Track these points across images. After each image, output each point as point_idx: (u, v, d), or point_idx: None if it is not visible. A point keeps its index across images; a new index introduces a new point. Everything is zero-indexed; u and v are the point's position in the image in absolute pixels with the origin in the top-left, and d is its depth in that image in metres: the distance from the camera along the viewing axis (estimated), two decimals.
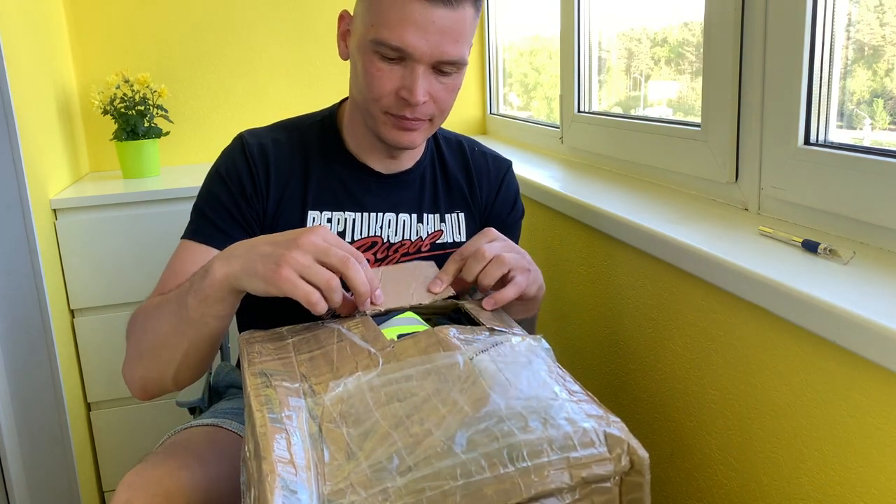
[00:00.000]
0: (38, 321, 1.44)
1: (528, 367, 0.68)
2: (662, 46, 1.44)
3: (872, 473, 0.68)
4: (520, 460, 0.57)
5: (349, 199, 1.01)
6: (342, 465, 0.55)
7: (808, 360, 0.75)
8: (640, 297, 1.07)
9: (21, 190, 1.39)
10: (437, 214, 1.06)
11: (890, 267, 0.76)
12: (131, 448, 1.71)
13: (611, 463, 0.60)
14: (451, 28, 0.88)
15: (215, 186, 0.99)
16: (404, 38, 0.86)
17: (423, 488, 0.54)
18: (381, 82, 0.90)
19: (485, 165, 1.10)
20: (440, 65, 0.90)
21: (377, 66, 0.89)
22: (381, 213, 1.02)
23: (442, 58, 0.88)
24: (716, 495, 0.93)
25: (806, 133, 0.92)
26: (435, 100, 0.92)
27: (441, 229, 1.05)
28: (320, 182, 1.01)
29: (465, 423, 0.59)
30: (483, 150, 1.13)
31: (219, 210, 0.98)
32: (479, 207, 1.09)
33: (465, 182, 1.09)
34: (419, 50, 0.87)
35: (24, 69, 1.47)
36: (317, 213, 1.00)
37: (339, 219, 1.01)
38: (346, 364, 0.69)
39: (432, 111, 0.93)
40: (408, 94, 0.89)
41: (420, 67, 0.88)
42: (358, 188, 1.02)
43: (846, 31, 0.89)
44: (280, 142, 1.01)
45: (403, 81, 0.89)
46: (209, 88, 1.99)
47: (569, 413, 0.62)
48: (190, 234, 0.99)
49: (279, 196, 0.99)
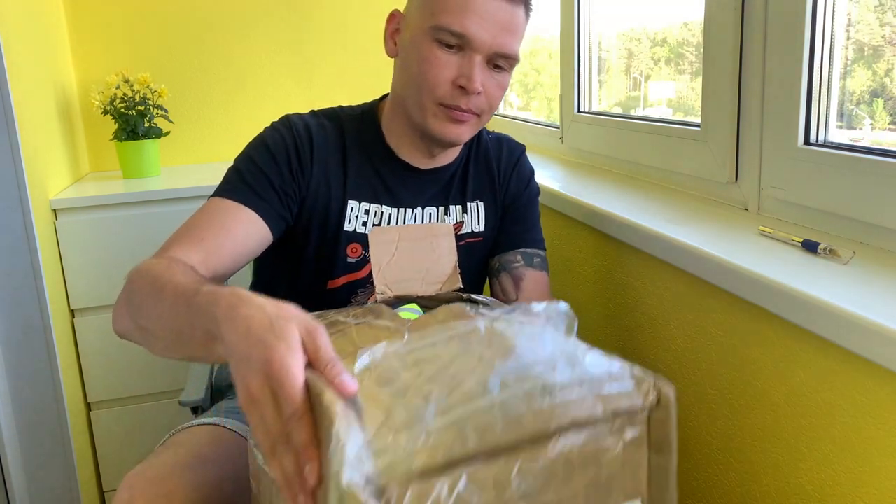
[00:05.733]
0: (38, 321, 1.44)
1: (547, 326, 0.70)
2: (662, 46, 1.44)
3: (872, 473, 0.68)
4: (553, 395, 0.59)
5: (386, 193, 1.02)
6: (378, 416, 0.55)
7: (808, 360, 0.75)
8: (640, 296, 1.07)
9: (21, 190, 1.39)
10: (459, 205, 1.06)
11: (890, 267, 0.76)
12: (131, 448, 1.71)
13: (639, 397, 0.61)
14: (509, 22, 0.91)
15: (259, 155, 0.97)
16: (466, 24, 0.89)
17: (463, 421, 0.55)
18: (438, 70, 0.91)
19: (500, 149, 1.11)
20: (496, 58, 0.92)
21: (435, 53, 0.91)
22: (413, 209, 1.03)
23: (501, 49, 0.91)
24: (716, 495, 0.93)
25: (806, 133, 0.92)
26: (487, 94, 0.93)
27: (463, 220, 1.06)
28: (358, 172, 1.01)
29: (497, 370, 0.60)
30: (497, 134, 1.14)
31: (259, 176, 0.95)
32: (500, 196, 1.10)
33: (486, 168, 1.09)
34: (479, 38, 0.89)
35: (24, 69, 1.47)
36: (356, 202, 1.00)
37: (376, 211, 1.01)
38: (369, 340, 0.69)
39: (483, 105, 0.94)
40: (466, 82, 0.90)
41: (478, 57, 0.91)
42: (394, 182, 1.02)
43: (846, 31, 0.89)
44: (325, 127, 1.02)
45: (461, 70, 0.91)
46: (209, 88, 1.99)
47: (594, 358, 0.64)
48: (224, 192, 0.94)
49: (321, 177, 0.99)
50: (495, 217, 1.09)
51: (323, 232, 1.00)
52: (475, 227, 1.07)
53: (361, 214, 1.01)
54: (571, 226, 1.30)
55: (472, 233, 1.06)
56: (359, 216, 1.01)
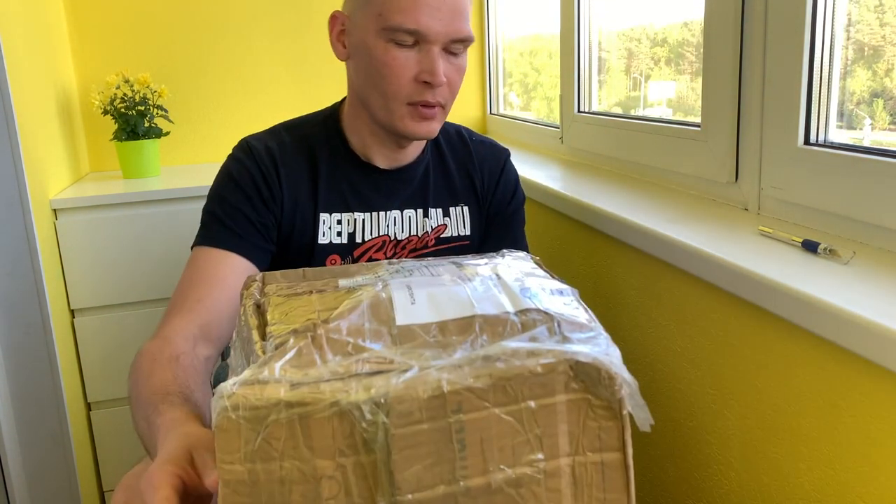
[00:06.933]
0: (38, 321, 1.44)
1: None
2: (662, 46, 1.44)
3: (872, 473, 0.68)
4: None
5: (357, 200, 1.01)
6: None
7: (808, 360, 0.75)
8: (640, 296, 1.07)
9: (21, 190, 1.39)
10: (440, 209, 1.06)
11: (890, 267, 0.76)
12: (131, 448, 1.70)
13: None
14: (459, 5, 0.90)
15: (229, 192, 0.97)
16: (419, 20, 0.87)
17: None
18: (399, 70, 0.90)
19: (484, 154, 1.10)
20: (451, 44, 0.91)
21: (392, 54, 0.90)
22: (388, 212, 1.02)
23: (456, 36, 0.90)
24: (716, 495, 0.93)
25: (806, 133, 0.92)
26: (448, 82, 0.93)
27: (445, 223, 1.05)
28: (329, 183, 1.00)
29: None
30: (482, 138, 1.13)
31: (235, 215, 0.95)
32: (484, 201, 1.09)
33: (468, 172, 1.08)
34: (434, 30, 0.88)
35: (24, 69, 1.47)
36: (327, 215, 1.00)
37: (348, 220, 1.01)
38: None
39: (447, 94, 0.94)
40: (429, 77, 0.90)
41: (435, 48, 0.90)
42: (365, 187, 1.02)
43: (846, 31, 0.89)
44: (285, 144, 1.01)
45: (422, 65, 0.90)
46: (209, 88, 1.99)
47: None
48: (206, 240, 0.95)
49: (293, 198, 0.98)
50: (480, 222, 1.08)
51: (299, 249, 1.00)
52: (460, 230, 1.06)
53: (335, 225, 1.00)
54: (571, 226, 1.30)
55: (459, 236, 1.06)
56: (332, 227, 1.00)
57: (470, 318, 0.55)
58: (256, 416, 0.48)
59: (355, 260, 1.01)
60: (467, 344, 0.53)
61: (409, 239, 1.03)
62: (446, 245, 1.04)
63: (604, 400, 0.54)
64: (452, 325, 0.55)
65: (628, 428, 0.55)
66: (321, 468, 0.49)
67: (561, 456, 0.54)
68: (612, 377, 0.53)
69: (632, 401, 0.54)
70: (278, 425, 0.48)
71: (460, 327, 0.55)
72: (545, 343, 0.54)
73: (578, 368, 0.53)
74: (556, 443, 0.53)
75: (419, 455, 0.50)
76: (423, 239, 1.04)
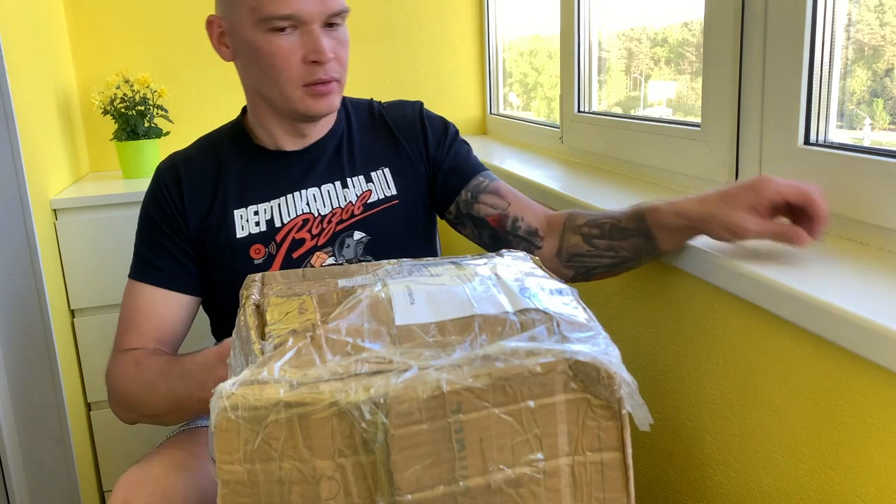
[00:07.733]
0: (38, 321, 1.44)
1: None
2: (662, 46, 1.44)
3: (872, 473, 0.68)
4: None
5: (269, 189, 1.03)
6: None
7: (808, 360, 0.75)
8: (640, 296, 1.07)
9: (21, 190, 1.39)
10: (360, 176, 1.06)
11: (890, 267, 0.76)
12: (131, 448, 1.70)
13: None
14: None
15: (145, 225, 1.04)
16: (292, 4, 0.90)
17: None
18: (285, 56, 0.92)
19: (396, 115, 1.12)
20: (329, 18, 0.93)
21: (275, 43, 0.92)
22: (304, 191, 1.03)
23: (331, 10, 0.92)
24: (715, 495, 0.93)
25: (806, 133, 0.91)
26: (336, 56, 0.95)
27: (369, 189, 1.06)
28: (239, 180, 1.03)
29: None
30: (390, 103, 1.15)
31: (155, 248, 1.01)
32: (415, 156, 1.09)
33: (385, 137, 1.09)
34: (308, 10, 0.90)
35: (24, 69, 1.47)
36: (242, 209, 1.02)
37: (264, 209, 1.02)
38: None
39: (338, 68, 0.96)
40: (316, 55, 0.92)
41: (314, 27, 0.92)
42: (276, 173, 1.04)
43: (846, 31, 0.89)
44: (191, 157, 1.05)
45: (306, 46, 0.92)
46: (209, 88, 1.99)
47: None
48: (136, 275, 1.03)
49: (200, 206, 1.02)
50: (412, 177, 1.09)
51: (220, 249, 1.01)
52: (385, 192, 1.07)
53: (251, 217, 1.02)
54: None
55: (385, 198, 1.06)
56: (249, 220, 1.02)
57: (469, 317, 0.55)
58: (256, 416, 0.48)
59: (278, 243, 1.02)
60: (466, 344, 0.53)
61: (332, 212, 1.03)
62: (375, 209, 1.05)
63: (603, 399, 0.54)
64: (451, 325, 0.55)
65: (628, 427, 0.55)
66: (320, 468, 0.49)
67: (560, 456, 0.54)
68: (612, 377, 0.53)
69: (631, 400, 0.54)
70: (277, 425, 0.48)
71: (459, 327, 0.54)
72: (544, 343, 0.54)
73: (578, 368, 0.53)
74: (556, 442, 0.53)
75: (418, 455, 0.50)
76: (348, 209, 1.04)
